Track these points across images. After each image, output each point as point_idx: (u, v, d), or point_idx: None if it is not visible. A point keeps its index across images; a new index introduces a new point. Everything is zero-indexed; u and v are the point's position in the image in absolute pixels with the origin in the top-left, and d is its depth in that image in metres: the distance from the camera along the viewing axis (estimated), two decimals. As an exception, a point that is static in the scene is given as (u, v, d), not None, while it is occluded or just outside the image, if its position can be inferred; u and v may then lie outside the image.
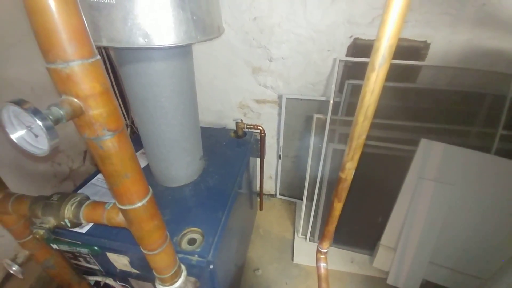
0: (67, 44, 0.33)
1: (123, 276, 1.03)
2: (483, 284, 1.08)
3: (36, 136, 0.31)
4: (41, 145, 0.31)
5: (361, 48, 1.38)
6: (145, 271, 0.95)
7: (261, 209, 1.94)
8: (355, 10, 1.24)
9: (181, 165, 1.03)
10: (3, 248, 1.23)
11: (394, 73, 1.38)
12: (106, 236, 0.90)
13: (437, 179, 1.38)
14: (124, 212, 0.51)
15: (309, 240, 1.79)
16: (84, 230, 0.91)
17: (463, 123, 1.41)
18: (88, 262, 1.04)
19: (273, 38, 1.38)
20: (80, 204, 0.56)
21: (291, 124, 1.70)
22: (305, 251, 1.75)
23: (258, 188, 1.86)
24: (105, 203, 0.56)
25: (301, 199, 1.81)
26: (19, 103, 0.28)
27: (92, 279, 0.95)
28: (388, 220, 1.53)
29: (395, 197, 1.50)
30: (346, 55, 1.41)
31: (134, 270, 0.97)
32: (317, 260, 0.87)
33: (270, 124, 1.74)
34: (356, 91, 1.46)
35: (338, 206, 0.67)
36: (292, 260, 1.70)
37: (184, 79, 0.83)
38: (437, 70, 1.34)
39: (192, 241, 0.89)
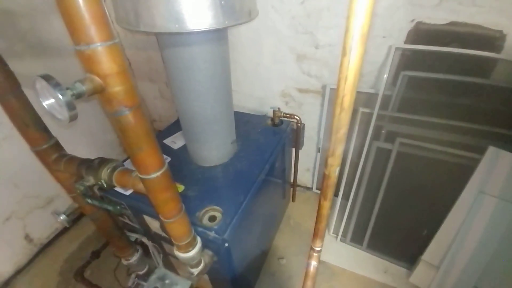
0: (88, 28, 0.38)
1: (157, 238, 1.17)
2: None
3: (60, 107, 0.38)
4: (63, 114, 0.38)
5: (425, 34, 1.20)
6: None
7: (293, 200, 1.92)
8: (419, -10, 1.08)
9: (212, 147, 1.09)
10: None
11: (464, 66, 1.17)
12: (142, 200, 1.03)
13: (502, 196, 1.15)
14: (142, 180, 0.58)
15: (340, 240, 1.71)
16: (127, 193, 1.07)
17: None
18: (131, 221, 1.21)
19: (321, 23, 1.30)
20: (114, 169, 0.66)
21: (334, 117, 1.61)
22: (333, 250, 1.68)
23: (292, 179, 1.84)
24: (133, 171, 0.64)
25: (338, 196, 1.73)
26: (46, 77, 0.35)
27: (131, 235, 1.11)
28: (436, 234, 1.36)
29: (447, 210, 1.31)
30: (405, 42, 1.25)
31: (164, 234, 1.09)
32: (309, 257, 0.84)
33: (311, 115, 1.68)
34: (413, 84, 1.29)
35: (325, 205, 0.63)
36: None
37: (217, 63, 0.86)
38: (523, 64, 1.08)
39: (212, 218, 0.95)
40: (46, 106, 0.39)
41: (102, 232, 0.99)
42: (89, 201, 0.65)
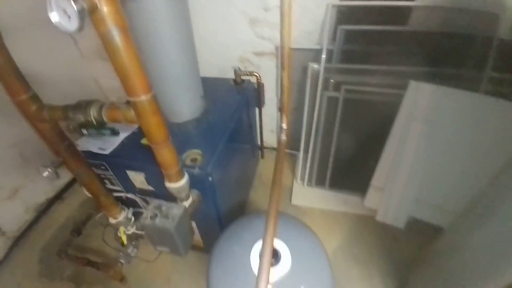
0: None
1: (141, 194, 1.24)
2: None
3: (69, 17, 0.46)
4: (72, 25, 0.46)
5: (355, -9, 1.42)
6: (159, 187, 1.14)
7: (262, 156, 2.11)
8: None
9: (184, 101, 1.19)
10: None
11: (384, 16, 1.42)
12: (126, 156, 1.10)
13: (425, 120, 1.46)
14: (134, 105, 0.67)
15: (306, 185, 1.96)
16: (107, 152, 1.12)
17: (453, 66, 1.45)
18: (113, 184, 1.26)
19: (267, -15, 1.44)
20: (101, 107, 0.73)
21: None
22: (302, 194, 1.92)
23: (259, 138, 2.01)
24: (120, 105, 0.73)
25: (299, 150, 1.95)
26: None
27: (116, 194, 1.17)
28: (379, 162, 1.65)
29: (386, 140, 1.60)
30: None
31: (150, 188, 1.17)
32: (281, 132, 1.05)
33: (270, 77, 1.84)
34: (349, 37, 1.52)
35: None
36: (290, 201, 1.89)
37: (181, 16, 0.95)
38: (429, 11, 1.37)
39: (194, 160, 1.06)
40: (53, 17, 0.47)
41: (88, 189, 1.04)
42: (84, 131, 0.71)
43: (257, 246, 0.86)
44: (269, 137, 2.22)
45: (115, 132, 0.70)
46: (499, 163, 0.93)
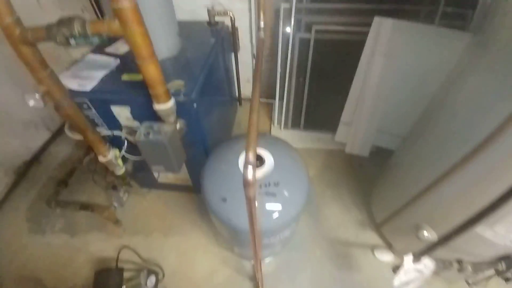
0: None
1: (128, 134, 1.28)
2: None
3: None
4: None
5: None
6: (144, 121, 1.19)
7: (240, 103, 2.19)
8: None
9: (160, 37, 1.20)
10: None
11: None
12: (110, 91, 1.12)
13: (387, 54, 1.61)
14: (118, 13, 0.70)
15: (283, 128, 2.10)
16: (88, 88, 1.13)
17: (412, 3, 1.59)
18: (97, 125, 1.28)
19: None
20: (84, 22, 0.75)
21: (262, 20, 1.82)
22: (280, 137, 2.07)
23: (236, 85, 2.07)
24: (103, 19, 0.75)
25: (275, 98, 2.05)
26: None
27: (102, 132, 1.20)
28: (347, 97, 1.81)
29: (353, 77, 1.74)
30: None
31: (135, 123, 1.22)
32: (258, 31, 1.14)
33: (242, 22, 1.86)
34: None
35: None
36: (269, 144, 2.03)
37: None
38: None
39: (178, 91, 1.12)
40: None
41: (72, 123, 1.06)
42: (72, 41, 0.73)
43: (243, 154, 0.98)
44: (246, 88, 2.28)
45: (103, 39, 0.72)
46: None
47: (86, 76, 1.16)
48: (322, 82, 1.89)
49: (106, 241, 1.52)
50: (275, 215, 0.91)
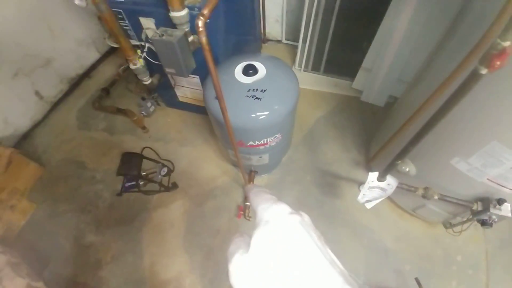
0: None
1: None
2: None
3: None
4: None
5: None
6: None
7: (264, 41, 2.25)
8: None
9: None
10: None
11: None
12: (139, 2, 1.29)
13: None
14: None
15: (303, 71, 2.13)
16: (122, -2, 1.31)
17: None
18: (128, 36, 1.49)
19: None
20: None
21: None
22: (299, 78, 2.08)
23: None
24: None
25: (299, 41, 2.04)
26: None
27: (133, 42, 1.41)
28: (372, 43, 1.75)
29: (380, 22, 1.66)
30: None
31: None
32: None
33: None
34: None
35: None
36: (287, 84, 2.10)
37: None
38: None
39: (193, 4, 1.24)
40: None
41: (109, 28, 1.28)
42: None
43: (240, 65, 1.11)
44: (274, 28, 2.29)
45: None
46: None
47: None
48: (349, 25, 1.83)
49: (135, 142, 1.86)
50: (257, 116, 1.05)
